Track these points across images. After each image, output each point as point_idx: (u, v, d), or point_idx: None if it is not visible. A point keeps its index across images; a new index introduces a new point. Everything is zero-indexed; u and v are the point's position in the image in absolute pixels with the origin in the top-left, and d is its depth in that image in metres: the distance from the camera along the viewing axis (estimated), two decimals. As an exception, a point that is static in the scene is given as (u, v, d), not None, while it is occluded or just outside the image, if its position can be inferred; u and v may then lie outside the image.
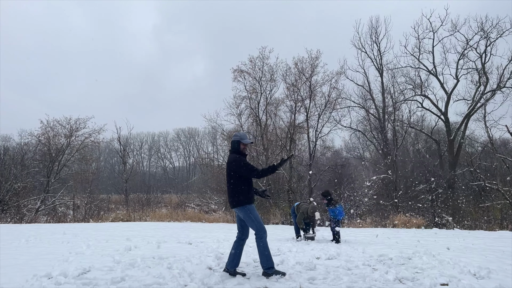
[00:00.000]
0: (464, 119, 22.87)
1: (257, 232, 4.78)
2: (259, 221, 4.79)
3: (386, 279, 4.62)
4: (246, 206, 4.75)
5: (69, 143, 25.47)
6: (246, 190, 4.79)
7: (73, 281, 4.42)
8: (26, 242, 8.01)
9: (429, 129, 26.34)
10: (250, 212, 4.75)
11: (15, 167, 20.18)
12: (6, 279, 4.53)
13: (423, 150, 27.34)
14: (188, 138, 63.35)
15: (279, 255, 6.33)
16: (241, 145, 4.95)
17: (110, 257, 6.02)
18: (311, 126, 22.31)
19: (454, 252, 6.91)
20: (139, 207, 22.24)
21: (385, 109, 24.14)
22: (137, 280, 4.52)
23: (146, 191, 28.80)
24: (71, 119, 25.44)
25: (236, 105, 22.41)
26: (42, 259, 5.86)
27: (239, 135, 5.04)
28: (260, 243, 4.77)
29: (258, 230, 4.77)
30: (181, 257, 6.09)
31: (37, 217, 18.48)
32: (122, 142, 31.09)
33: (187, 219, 18.56)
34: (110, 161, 58.32)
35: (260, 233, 4.76)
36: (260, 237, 4.76)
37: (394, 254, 6.44)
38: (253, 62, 22.06)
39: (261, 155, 21.89)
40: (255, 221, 4.77)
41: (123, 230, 11.33)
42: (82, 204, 22.02)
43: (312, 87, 21.95)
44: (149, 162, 64.66)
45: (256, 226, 4.77)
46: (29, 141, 25.73)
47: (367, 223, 15.65)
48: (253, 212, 4.77)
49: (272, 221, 16.89)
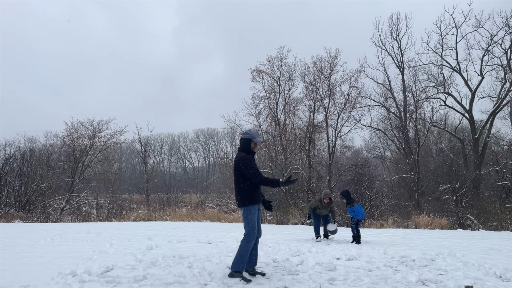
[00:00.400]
0: (489, 117, 22.19)
1: (247, 235, 4.70)
2: (254, 226, 4.69)
3: (409, 280, 4.54)
4: (248, 207, 4.68)
5: (92, 144, 26.12)
6: (252, 190, 4.70)
7: (96, 279, 4.53)
8: (52, 240, 8.23)
9: (452, 127, 25.68)
10: (249, 214, 4.68)
11: (41, 168, 20.81)
12: (33, 277, 4.67)
13: (446, 149, 26.66)
14: (207, 139, 63.93)
15: (298, 255, 6.30)
16: (252, 144, 4.83)
17: (132, 256, 6.13)
18: (331, 126, 22.14)
19: (479, 253, 6.72)
20: (159, 207, 22.57)
21: (406, 107, 23.68)
22: (159, 278, 4.58)
23: (166, 191, 29.18)
24: (94, 120, 26.12)
25: (254, 105, 22.46)
26: (67, 257, 6.02)
27: (250, 133, 4.89)
28: (244, 246, 4.69)
29: (248, 233, 4.70)
30: (201, 256, 6.14)
31: (62, 216, 19.00)
32: (143, 143, 31.71)
33: (207, 218, 18.71)
34: (132, 161, 59.40)
35: (249, 238, 4.68)
36: (247, 241, 4.68)
37: (417, 255, 6.31)
38: (271, 62, 22.06)
39: (280, 155, 21.84)
40: (249, 224, 4.69)
41: (145, 229, 11.52)
42: (105, 204, 22.51)
43: (331, 86, 21.77)
44: (169, 162, 65.59)
45: (248, 230, 4.70)
46: (54, 143, 26.56)
47: (389, 224, 15.39)
48: (252, 215, 4.68)
49: (291, 221, 16.82)
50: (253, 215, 4.70)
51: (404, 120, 23.55)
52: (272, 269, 5.23)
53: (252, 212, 4.69)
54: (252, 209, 4.70)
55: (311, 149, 21.94)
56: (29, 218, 16.73)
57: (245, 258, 4.67)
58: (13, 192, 18.93)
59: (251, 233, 4.69)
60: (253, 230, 4.70)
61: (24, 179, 18.98)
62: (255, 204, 4.77)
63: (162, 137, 63.90)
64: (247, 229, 4.72)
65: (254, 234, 4.70)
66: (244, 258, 4.67)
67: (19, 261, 5.73)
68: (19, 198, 18.46)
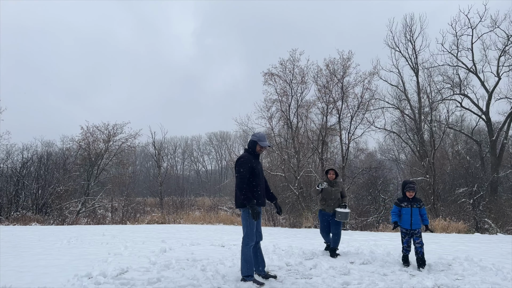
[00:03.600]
0: (507, 118, 21.72)
1: (245, 237, 4.70)
2: (252, 228, 4.68)
3: (425, 285, 4.47)
4: (247, 209, 4.68)
5: (107, 148, 26.51)
6: (252, 192, 4.70)
7: (111, 281, 4.59)
8: (68, 243, 8.36)
9: (469, 129, 25.24)
10: (249, 216, 4.66)
11: (57, 171, 21.18)
12: (50, 278, 4.76)
13: (463, 152, 26.19)
14: (220, 142, 64.23)
15: (312, 259, 6.27)
16: (257, 147, 4.88)
17: (146, 258, 6.19)
18: (344, 128, 21.94)
19: (497, 258, 6.57)
20: (173, 210, 22.70)
21: (421, 109, 23.35)
22: (172, 281, 4.62)
23: (180, 194, 29.34)
24: (109, 124, 26.51)
25: (267, 108, 22.41)
26: (83, 260, 6.12)
27: (257, 136, 4.94)
28: (244, 249, 4.69)
29: (246, 235, 4.70)
30: (215, 259, 6.16)
31: (78, 219, 19.29)
32: (156, 146, 31.96)
33: (220, 221, 18.73)
34: (146, 165, 60.01)
35: (247, 240, 4.68)
36: (246, 243, 4.68)
37: (433, 259, 6.20)
38: (283, 65, 22.02)
39: (293, 158, 21.77)
40: (248, 226, 4.68)
41: (158, 232, 11.60)
42: (120, 207, 22.77)
43: (344, 88, 21.61)
44: (183, 165, 66.08)
45: (246, 231, 4.70)
46: (70, 146, 27.03)
47: (404, 227, 15.18)
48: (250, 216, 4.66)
49: (304, 225, 16.72)
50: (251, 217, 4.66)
51: (419, 122, 23.22)
52: (285, 273, 5.22)
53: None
54: None
55: (324, 152, 21.79)
56: (46, 221, 17.02)
57: (249, 262, 4.67)
58: (30, 195, 19.30)
59: (249, 235, 4.69)
60: (251, 231, 4.68)
61: (41, 183, 19.34)
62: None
63: (175, 140, 64.54)
64: (245, 231, 4.71)
65: (252, 236, 4.69)
66: (249, 262, 4.66)
67: (37, 263, 5.84)
68: (36, 201, 18.80)
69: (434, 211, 18.47)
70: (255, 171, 4.77)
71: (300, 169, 20.63)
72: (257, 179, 4.78)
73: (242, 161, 4.71)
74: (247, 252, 4.67)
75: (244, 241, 4.70)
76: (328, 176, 6.94)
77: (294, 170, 20.76)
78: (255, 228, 4.75)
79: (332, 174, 6.93)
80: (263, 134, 5.03)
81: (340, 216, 6.62)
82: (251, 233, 4.69)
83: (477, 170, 20.90)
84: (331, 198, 6.81)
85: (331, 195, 6.81)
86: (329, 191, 6.83)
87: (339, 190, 6.93)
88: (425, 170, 20.96)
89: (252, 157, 4.85)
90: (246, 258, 4.67)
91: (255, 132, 5.12)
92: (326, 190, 6.83)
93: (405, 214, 5.76)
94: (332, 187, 6.86)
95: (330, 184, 6.86)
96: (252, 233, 4.70)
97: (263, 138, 4.94)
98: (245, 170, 4.65)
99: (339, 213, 6.62)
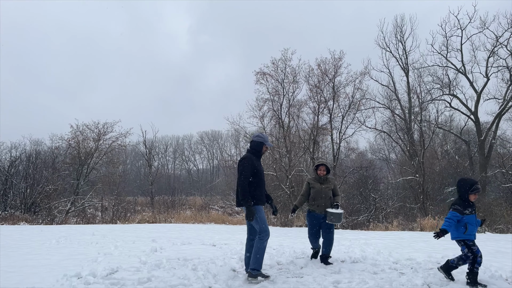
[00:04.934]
0: (495, 118, 22.04)
1: (260, 232, 4.75)
2: (264, 222, 4.76)
3: (414, 284, 4.52)
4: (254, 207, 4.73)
5: (97, 147, 26.27)
6: (254, 190, 4.79)
7: (101, 281, 4.55)
8: (57, 242, 8.27)
9: (458, 129, 25.54)
10: (256, 213, 4.72)
11: (46, 170, 20.91)
12: (38, 278, 4.70)
13: (452, 151, 26.52)
14: (211, 141, 64.02)
15: (303, 258, 6.29)
16: (264, 147, 5.03)
17: (137, 258, 6.15)
18: (335, 128, 22.08)
19: (486, 256, 6.66)
20: (164, 209, 22.59)
21: (411, 109, 23.59)
22: (163, 281, 4.59)
23: (171, 193, 29.22)
24: (99, 123, 26.29)
25: (258, 107, 22.46)
26: (72, 260, 6.05)
27: (263, 136, 5.08)
28: (258, 244, 4.73)
29: (261, 230, 4.75)
30: (206, 258, 6.15)
31: (67, 218, 19.07)
32: (147, 145, 31.77)
33: (211, 221, 18.70)
34: (136, 164, 59.57)
35: (263, 235, 4.73)
36: (261, 238, 4.73)
37: (422, 258, 6.27)
38: (275, 64, 22.06)
39: (284, 157, 21.82)
40: (258, 222, 4.74)
41: (149, 231, 11.54)
42: (110, 206, 22.58)
43: (336, 88, 21.73)
44: (174, 164, 65.74)
45: (260, 227, 4.75)
46: (59, 145, 26.71)
47: (394, 226, 15.31)
48: (259, 213, 4.74)
49: (295, 224, 16.78)
50: (260, 212, 4.77)
51: (409, 122, 23.45)
52: (276, 272, 5.22)
53: (258, 210, 4.75)
54: (256, 208, 4.75)
55: (316, 151, 21.90)
56: (34, 220, 16.81)
57: (261, 257, 4.73)
58: (19, 195, 19.04)
59: (264, 230, 4.75)
60: (265, 226, 4.75)
61: (30, 182, 19.09)
62: (259, 206, 4.82)
63: (166, 139, 64.12)
64: (258, 227, 4.76)
65: (267, 230, 4.76)
66: (261, 257, 4.73)
67: (25, 263, 5.76)
68: (25, 200, 18.56)
69: (424, 210, 18.67)
70: (258, 172, 4.87)
71: (292, 168, 20.69)
72: (260, 179, 4.88)
73: (246, 162, 4.81)
74: (261, 247, 4.73)
75: (260, 236, 4.75)
76: (318, 172, 6.04)
77: (285, 169, 20.81)
78: (267, 223, 4.83)
79: (322, 170, 6.02)
80: (266, 134, 5.16)
81: (332, 218, 5.73)
82: (265, 227, 4.76)
83: (465, 170, 21.17)
84: (322, 197, 5.89)
85: (321, 194, 5.90)
86: (319, 189, 5.95)
87: (331, 188, 6.03)
88: (415, 169, 21.17)
89: (255, 157, 4.96)
90: (259, 251, 4.72)
91: (258, 133, 5.23)
92: (316, 188, 5.97)
93: (470, 224, 4.52)
94: (323, 184, 5.98)
95: (320, 181, 6.00)
96: (267, 228, 4.77)
97: (268, 138, 5.10)
98: (248, 171, 4.75)
99: (331, 214, 5.73)
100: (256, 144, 5.02)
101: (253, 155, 4.97)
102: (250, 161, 4.83)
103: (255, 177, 4.81)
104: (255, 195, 4.78)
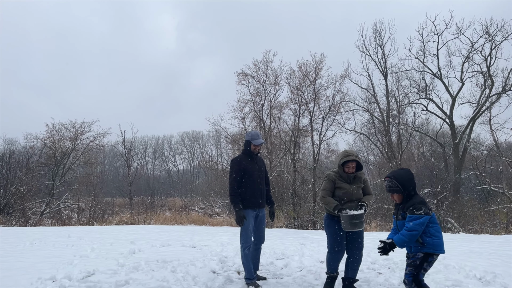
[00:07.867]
0: (469, 122, 22.76)
1: (241, 241, 4.70)
2: (245, 229, 4.63)
3: (391, 283, 4.60)
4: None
5: (74, 147, 25.63)
6: (244, 194, 4.66)
7: (77, 284, 4.44)
8: (31, 245, 8.04)
9: (434, 132, 26.21)
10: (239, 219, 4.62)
11: (20, 170, 20.30)
12: (12, 282, 4.55)
13: (428, 154, 27.18)
14: (192, 142, 63.50)
15: (283, 259, 6.31)
16: (251, 146, 4.79)
17: (114, 260, 6.04)
18: (315, 130, 22.27)
19: (460, 256, 6.85)
20: (143, 210, 22.28)
21: (389, 112, 24.06)
22: (141, 283, 4.53)
23: (150, 194, 28.86)
24: (76, 122, 25.64)
25: (240, 108, 22.43)
26: (47, 262, 5.88)
27: (250, 134, 4.86)
28: (242, 254, 4.68)
29: (240, 238, 4.71)
30: (185, 260, 6.09)
31: (42, 220, 18.55)
32: (126, 145, 31.27)
33: (191, 222, 18.56)
34: (115, 164, 58.52)
35: (244, 244, 4.66)
36: (243, 248, 4.67)
37: (399, 258, 6.38)
38: (257, 66, 22.09)
39: (265, 158, 21.87)
40: (241, 228, 4.66)
41: (128, 233, 11.34)
42: (87, 207, 22.08)
43: (316, 90, 21.93)
44: (153, 165, 64.86)
45: (240, 234, 4.70)
46: (34, 145, 25.90)
47: (372, 227, 15.57)
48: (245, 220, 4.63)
49: (276, 225, 16.83)
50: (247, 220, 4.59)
51: (387, 124, 23.91)
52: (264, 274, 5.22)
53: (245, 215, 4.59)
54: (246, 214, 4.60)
55: (296, 152, 22.04)
56: (7, 222, 16.29)
57: (247, 265, 4.60)
58: (-9, 195, 18.43)
59: (242, 236, 4.64)
60: (245, 233, 4.62)
61: (3, 182, 18.49)
62: (248, 209, 4.64)
63: (146, 139, 63.22)
64: (240, 233, 4.69)
65: (246, 238, 4.61)
66: (247, 265, 4.60)
67: (-3, 266, 5.57)
68: (-2, 201, 17.98)
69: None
70: (247, 173, 4.68)
71: (273, 170, 20.75)
72: (249, 180, 4.68)
73: (232, 163, 4.77)
74: (244, 256, 4.63)
75: (242, 245, 4.67)
76: (346, 169, 4.45)
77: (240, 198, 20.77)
78: (250, 230, 4.66)
79: (352, 168, 4.46)
80: (256, 132, 4.91)
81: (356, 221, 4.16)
82: (245, 234, 4.63)
83: (441, 172, 21.73)
84: (352, 200, 4.38)
85: (351, 197, 4.38)
86: (348, 190, 4.40)
87: (361, 187, 4.53)
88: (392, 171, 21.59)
89: (246, 157, 4.79)
90: (243, 261, 4.64)
91: (248, 131, 5.11)
92: (344, 189, 4.41)
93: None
94: (353, 184, 4.46)
95: (349, 181, 4.45)
96: (246, 234, 4.63)
97: (256, 136, 4.81)
98: (234, 172, 4.64)
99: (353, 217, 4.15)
100: (244, 143, 4.89)
101: (245, 155, 4.81)
102: (237, 161, 4.72)
103: (243, 178, 4.65)
104: (245, 198, 4.63)
